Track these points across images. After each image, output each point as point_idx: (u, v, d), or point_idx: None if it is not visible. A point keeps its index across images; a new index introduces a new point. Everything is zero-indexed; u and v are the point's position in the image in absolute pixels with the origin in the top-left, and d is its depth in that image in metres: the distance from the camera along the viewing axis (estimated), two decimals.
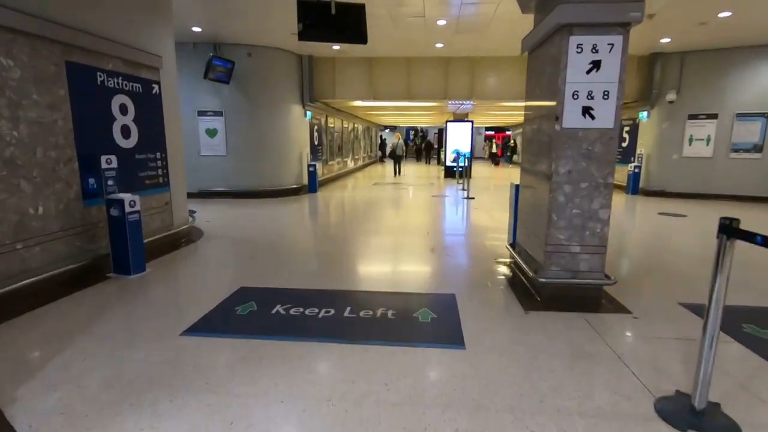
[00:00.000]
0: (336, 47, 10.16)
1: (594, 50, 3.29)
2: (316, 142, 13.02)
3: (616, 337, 3.06)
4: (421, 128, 35.55)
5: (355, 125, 20.18)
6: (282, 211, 8.85)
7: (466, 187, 12.24)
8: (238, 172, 10.48)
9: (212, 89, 10.01)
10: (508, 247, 4.79)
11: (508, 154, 24.38)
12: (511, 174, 18.00)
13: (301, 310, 3.50)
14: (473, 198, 10.41)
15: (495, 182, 15.28)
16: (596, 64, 3.30)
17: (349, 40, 5.32)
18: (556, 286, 3.61)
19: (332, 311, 3.47)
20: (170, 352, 2.80)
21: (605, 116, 3.37)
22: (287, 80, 10.88)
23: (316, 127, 13.01)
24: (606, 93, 3.33)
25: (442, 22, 8.05)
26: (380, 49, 10.61)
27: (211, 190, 10.40)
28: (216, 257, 5.36)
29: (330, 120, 14.83)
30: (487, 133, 36.44)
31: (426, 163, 27.51)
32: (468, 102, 12.72)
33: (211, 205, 9.39)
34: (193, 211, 8.13)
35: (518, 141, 26.04)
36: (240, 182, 10.50)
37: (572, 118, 3.39)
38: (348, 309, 3.51)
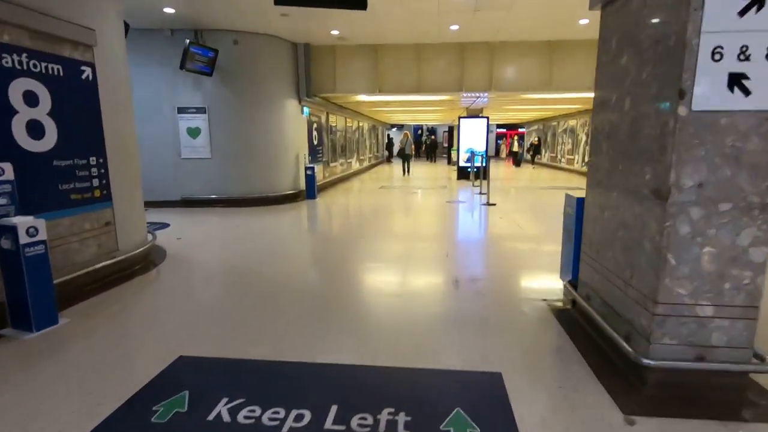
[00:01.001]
0: (335, 32, 8.82)
1: None
2: (315, 142, 11.71)
3: None
4: (429, 126, 34.12)
5: (360, 123, 18.84)
6: (271, 223, 7.53)
7: (483, 191, 10.84)
8: (225, 177, 9.19)
9: (193, 82, 8.73)
10: (568, 286, 3.40)
11: (530, 153, 21.96)
12: (536, 176, 16.45)
13: (257, 413, 2.16)
14: (494, 204, 9.00)
15: (515, 184, 13.82)
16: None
17: (342, 3, 3.97)
18: (673, 371, 2.22)
19: (306, 416, 2.12)
20: None
21: None
22: (281, 72, 9.56)
23: (315, 126, 11.69)
24: None
25: None
26: (386, 35, 9.25)
27: (194, 197, 9.13)
28: (167, 298, 4.04)
29: (331, 118, 13.50)
30: (498, 130, 34.88)
31: (431, 161, 26.58)
32: (484, 95, 11.32)
33: (192, 215, 8.11)
34: (163, 225, 6.87)
35: (532, 138, 24.49)
36: (227, 188, 9.21)
37: (710, 94, 2.00)
38: (333, 410, 2.16)
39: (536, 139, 21.62)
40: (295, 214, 8.53)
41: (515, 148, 22.37)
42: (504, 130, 33.35)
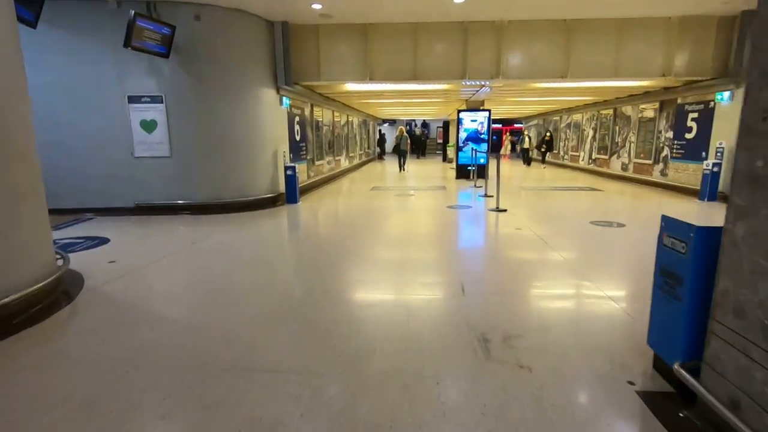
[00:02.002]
0: (317, 6, 7.42)
1: None
2: (297, 138, 10.30)
3: None
4: (420, 121, 32.78)
5: (350, 118, 17.43)
6: (238, 238, 6.14)
7: (488, 192, 9.55)
8: (188, 180, 7.77)
9: (147, 66, 7.28)
10: (683, 373, 2.09)
11: (543, 149, 19.05)
12: (544, 175, 15.17)
13: None
14: (504, 210, 7.70)
15: (521, 184, 12.53)
16: None
17: None
18: None
19: None
20: None
21: None
22: (254, 55, 8.14)
23: (297, 119, 10.28)
24: None
25: None
26: (378, 11, 7.89)
27: (151, 204, 7.69)
28: (40, 377, 2.66)
29: (317, 110, 12.09)
30: (493, 126, 33.60)
31: (418, 157, 26.29)
32: (486, 85, 10.00)
33: (145, 226, 6.69)
34: (100, 241, 5.41)
35: (537, 133, 23.23)
36: (191, 193, 7.79)
37: None
38: None
39: (548, 134, 18.84)
40: (270, 224, 7.15)
41: (525, 145, 19.93)
42: (499, 126, 32.04)
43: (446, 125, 23.61)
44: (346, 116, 16.53)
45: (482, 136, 13.56)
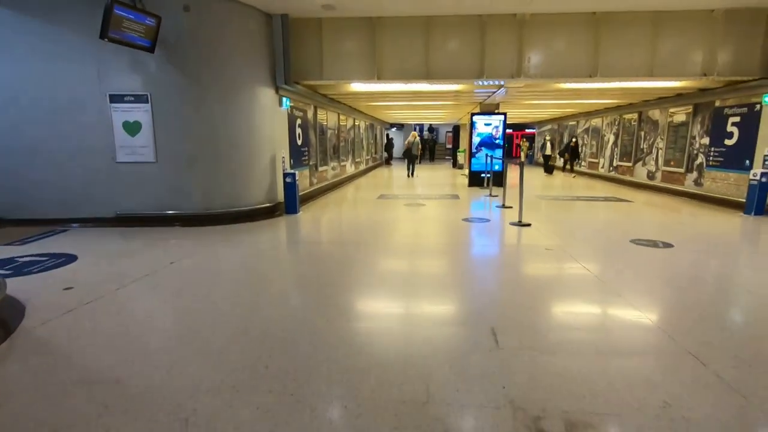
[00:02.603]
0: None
1: None
2: (299, 142, 9.54)
3: None
4: (428, 126, 31.95)
5: (356, 121, 16.68)
6: (225, 257, 5.35)
7: (505, 203, 8.70)
8: (175, 188, 7.01)
9: (131, 62, 6.56)
10: None
11: (566, 157, 17.29)
12: (565, 184, 14.24)
13: None
14: (528, 225, 6.84)
15: (541, 192, 11.64)
16: None
17: None
18: None
19: None
20: None
21: None
22: (250, 51, 7.39)
23: (299, 122, 9.52)
24: None
25: None
26: (386, 3, 7.10)
27: (133, 214, 6.95)
28: None
29: (321, 113, 11.33)
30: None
31: (420, 161, 25.08)
32: (503, 85, 9.20)
33: (121, 241, 5.93)
34: (66, 259, 4.59)
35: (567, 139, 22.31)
36: (178, 202, 7.03)
37: None
38: None
39: (573, 140, 16.81)
40: (264, 239, 6.35)
41: (547, 151, 18.04)
42: (510, 131, 31.15)
43: (456, 130, 22.79)
44: (352, 120, 15.78)
45: (497, 141, 12.71)
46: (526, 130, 31.18)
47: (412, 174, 16.50)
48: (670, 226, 7.20)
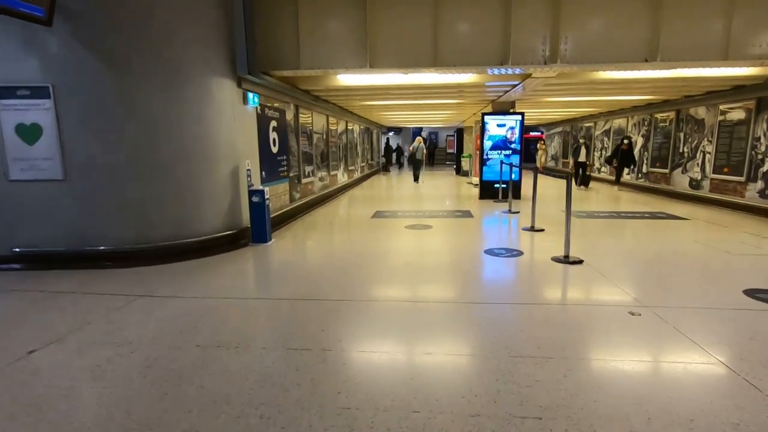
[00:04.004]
0: None
1: None
2: (275, 150, 7.67)
3: None
4: (425, 130, 30.16)
5: (349, 125, 14.83)
6: (138, 330, 3.44)
7: (534, 225, 6.85)
8: (93, 214, 5.12)
9: (20, 39, 4.69)
10: None
11: (614, 165, 12.97)
12: (607, 198, 12.24)
13: None
14: (579, 261, 4.96)
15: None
16: None
17: None
18: None
19: None
20: None
21: None
22: (199, 29, 5.54)
23: (275, 124, 7.66)
24: None
25: None
26: None
27: (36, 251, 5.05)
28: None
29: (304, 114, 9.48)
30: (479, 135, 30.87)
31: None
32: (528, 76, 7.40)
33: (26, 292, 4.02)
34: None
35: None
36: (99, 234, 5.14)
37: None
38: None
39: (625, 142, 12.44)
40: (212, 288, 4.42)
41: (581, 157, 13.65)
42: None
43: (459, 133, 20.96)
44: (344, 123, 13.92)
45: (512, 145, 10.87)
46: (531, 133, 29.40)
47: (417, 179, 16.27)
48: None
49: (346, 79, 7.58)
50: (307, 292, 4.16)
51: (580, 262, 4.94)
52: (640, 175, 12.99)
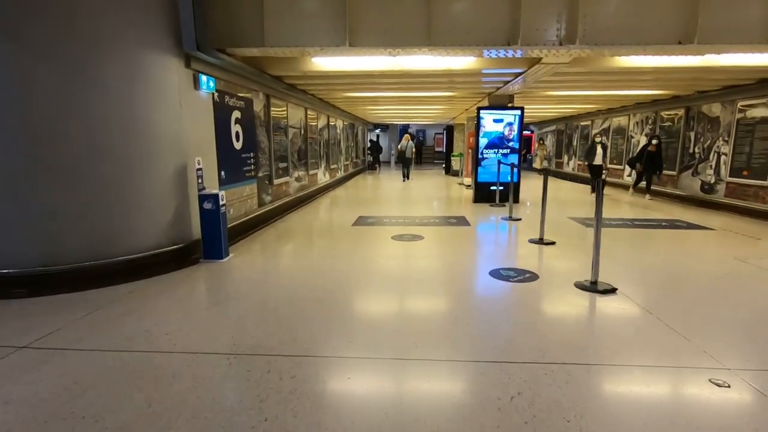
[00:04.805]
0: None
1: None
2: (238, 145, 6.49)
3: None
4: (411, 127, 29.07)
5: (332, 119, 13.66)
6: None
7: (543, 236, 5.85)
8: None
9: None
10: None
11: (639, 169, 10.57)
12: (626, 205, 11.24)
13: None
14: (612, 290, 3.93)
15: (575, 211, 8.78)
16: None
17: None
18: None
19: None
20: None
21: None
22: None
23: (237, 115, 6.48)
24: None
25: None
26: None
27: None
28: None
29: (278, 106, 8.29)
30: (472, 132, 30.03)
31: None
32: (539, 61, 6.42)
33: None
34: None
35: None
36: (5, 255, 3.93)
37: None
38: None
39: (653, 142, 10.11)
40: (123, 338, 3.25)
41: (598, 159, 11.20)
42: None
43: (449, 130, 19.94)
44: (325, 117, 12.74)
45: (510, 143, 9.86)
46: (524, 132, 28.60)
47: (408, 177, 16.16)
48: None
49: (323, 62, 6.44)
50: (254, 342, 3.02)
51: (613, 291, 3.91)
52: (659, 181, 12.10)
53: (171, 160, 4.84)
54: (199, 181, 5.11)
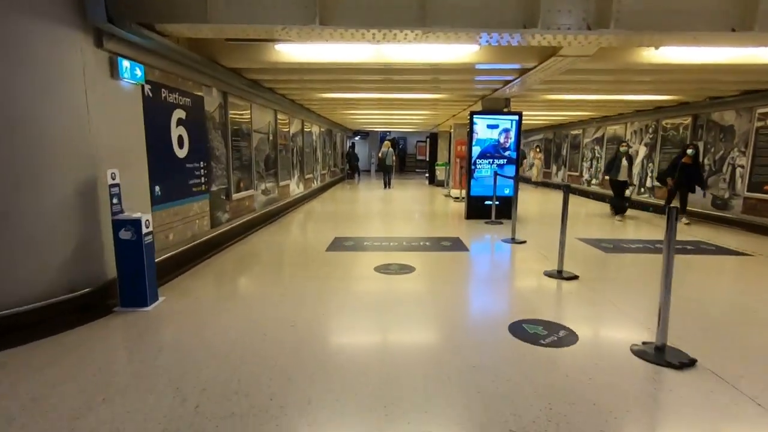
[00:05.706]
0: None
1: None
2: (181, 152, 5.14)
3: None
4: (391, 134, 28.01)
5: (306, 124, 12.36)
6: None
7: (562, 268, 4.72)
8: None
9: None
10: None
11: (669, 183, 8.42)
12: (631, 224, 9.89)
13: None
14: (692, 362, 2.79)
15: (583, 231, 7.74)
16: None
17: None
18: None
19: None
20: None
21: None
22: None
23: (181, 115, 5.14)
24: None
25: None
26: None
27: None
28: None
29: (238, 106, 6.98)
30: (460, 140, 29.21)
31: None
32: (557, 52, 5.37)
33: None
34: None
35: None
36: None
37: None
38: None
39: (689, 153, 8.09)
40: None
41: (622, 175, 9.17)
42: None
43: (433, 137, 18.90)
44: (299, 122, 11.45)
45: (507, 153, 8.80)
46: None
47: (389, 185, 15.84)
48: None
49: (291, 50, 5.20)
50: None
51: (693, 363, 2.76)
52: (642, 190, 11.28)
53: (70, 173, 3.49)
54: (114, 201, 3.75)
